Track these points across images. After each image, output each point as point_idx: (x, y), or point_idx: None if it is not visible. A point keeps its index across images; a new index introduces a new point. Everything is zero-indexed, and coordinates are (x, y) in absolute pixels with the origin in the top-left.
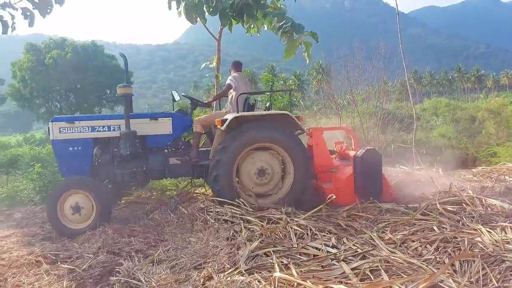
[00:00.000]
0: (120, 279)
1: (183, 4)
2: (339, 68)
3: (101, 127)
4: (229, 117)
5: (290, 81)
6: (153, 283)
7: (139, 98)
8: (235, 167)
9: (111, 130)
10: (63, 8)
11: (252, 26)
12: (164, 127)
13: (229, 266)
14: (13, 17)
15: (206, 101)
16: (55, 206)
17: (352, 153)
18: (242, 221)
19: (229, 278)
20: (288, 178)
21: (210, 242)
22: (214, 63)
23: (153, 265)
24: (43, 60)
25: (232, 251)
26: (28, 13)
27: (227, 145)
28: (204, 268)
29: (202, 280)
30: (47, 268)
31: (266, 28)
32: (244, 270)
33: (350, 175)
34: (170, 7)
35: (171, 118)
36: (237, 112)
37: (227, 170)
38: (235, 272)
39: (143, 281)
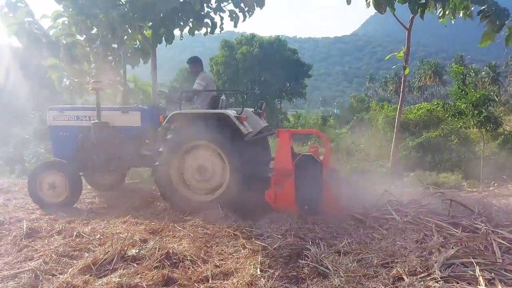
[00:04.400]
0: (309, 264)
1: None
2: None
3: (83, 116)
4: (170, 113)
5: (483, 73)
6: (341, 273)
7: (314, 91)
8: (175, 160)
9: (91, 119)
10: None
11: (447, 12)
12: (133, 120)
13: (421, 270)
14: (222, 19)
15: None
16: (35, 183)
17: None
18: (433, 225)
19: (422, 283)
20: (226, 178)
21: (397, 242)
22: (402, 53)
23: (339, 255)
24: (235, 55)
25: (423, 254)
26: (234, 15)
27: (167, 138)
28: (392, 267)
29: (391, 280)
30: (243, 242)
31: (461, 14)
32: (440, 277)
33: (290, 181)
34: None
35: (140, 112)
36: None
37: (166, 162)
38: (429, 278)
39: (331, 269)
